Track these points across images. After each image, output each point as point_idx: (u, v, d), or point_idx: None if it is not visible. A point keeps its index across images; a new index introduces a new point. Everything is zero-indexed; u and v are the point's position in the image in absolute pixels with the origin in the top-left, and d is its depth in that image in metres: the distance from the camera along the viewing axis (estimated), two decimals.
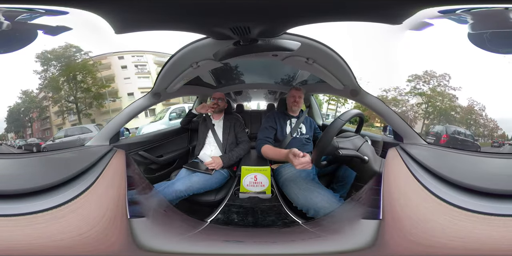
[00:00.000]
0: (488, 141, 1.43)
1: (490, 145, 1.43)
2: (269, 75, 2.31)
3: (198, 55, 1.12)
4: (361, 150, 1.18)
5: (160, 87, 1.42)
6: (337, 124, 1.09)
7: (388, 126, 1.61)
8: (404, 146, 1.15)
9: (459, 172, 0.82)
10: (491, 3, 0.85)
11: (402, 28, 0.88)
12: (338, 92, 1.74)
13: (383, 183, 0.92)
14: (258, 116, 3.45)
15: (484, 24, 1.00)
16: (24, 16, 0.97)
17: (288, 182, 1.37)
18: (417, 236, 0.70)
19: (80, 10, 0.73)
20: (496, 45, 1.05)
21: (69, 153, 1.12)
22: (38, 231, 0.66)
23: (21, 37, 1.06)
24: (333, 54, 1.11)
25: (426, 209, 0.73)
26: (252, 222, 1.16)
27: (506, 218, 0.67)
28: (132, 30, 0.90)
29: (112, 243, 0.75)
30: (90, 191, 0.78)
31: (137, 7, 0.68)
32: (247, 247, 0.91)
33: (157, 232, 0.90)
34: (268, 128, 1.69)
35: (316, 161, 1.16)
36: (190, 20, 0.78)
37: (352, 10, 0.75)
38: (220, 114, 1.93)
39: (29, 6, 0.85)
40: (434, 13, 0.85)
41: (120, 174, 1.03)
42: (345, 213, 1.09)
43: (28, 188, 0.71)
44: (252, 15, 0.72)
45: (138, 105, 1.45)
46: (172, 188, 1.40)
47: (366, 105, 1.41)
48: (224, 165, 1.67)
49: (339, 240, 0.87)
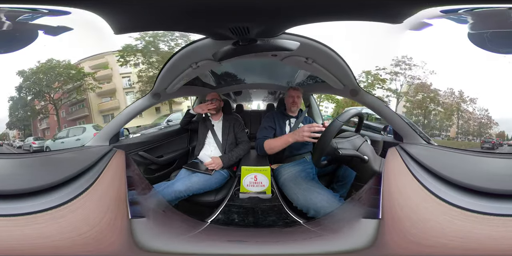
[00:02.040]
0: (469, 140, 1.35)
1: (480, 146, 1.34)
2: (268, 75, 2.31)
3: (198, 55, 1.13)
4: (360, 149, 1.18)
5: (160, 87, 1.42)
6: (335, 126, 1.08)
7: (388, 126, 1.61)
8: (404, 145, 1.15)
9: (459, 172, 0.81)
10: (492, 3, 0.84)
11: (403, 28, 0.88)
12: (338, 92, 1.74)
13: (383, 182, 0.92)
14: (258, 116, 3.44)
15: (484, 24, 1.00)
16: (25, 16, 0.97)
17: (288, 182, 1.37)
18: (416, 236, 0.70)
19: (79, 10, 0.73)
20: (497, 45, 1.04)
21: (69, 153, 1.12)
22: (38, 231, 0.66)
23: (22, 37, 1.06)
24: (332, 54, 1.11)
25: (425, 209, 0.73)
26: (252, 222, 1.16)
27: (506, 218, 0.67)
28: (132, 31, 0.90)
29: (112, 243, 0.75)
30: (90, 191, 0.79)
31: (137, 7, 0.69)
32: (248, 247, 0.91)
33: (157, 232, 0.90)
34: (267, 128, 1.69)
35: (316, 161, 1.16)
36: (189, 21, 0.78)
37: (351, 9, 0.75)
38: (220, 115, 1.93)
39: (27, 6, 0.85)
40: (435, 12, 0.85)
41: (120, 174, 1.03)
42: (346, 213, 1.09)
43: (28, 188, 0.71)
44: (251, 15, 0.72)
45: (138, 106, 1.45)
46: (172, 188, 1.40)
47: (366, 104, 1.40)
48: (224, 166, 1.67)
49: (340, 239, 0.87)
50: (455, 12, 0.91)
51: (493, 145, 1.29)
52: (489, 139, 1.33)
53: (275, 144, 1.49)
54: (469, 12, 0.91)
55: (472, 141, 1.41)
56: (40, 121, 1.58)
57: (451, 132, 1.49)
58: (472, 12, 0.91)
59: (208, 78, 2.16)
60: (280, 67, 2.02)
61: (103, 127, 1.40)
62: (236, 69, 2.10)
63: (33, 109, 1.55)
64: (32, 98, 1.50)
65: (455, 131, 1.47)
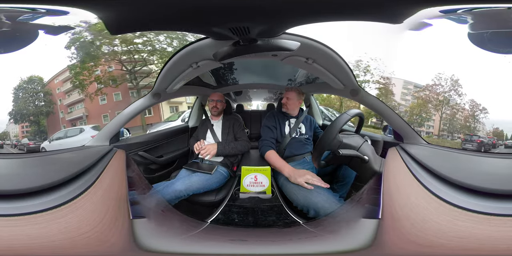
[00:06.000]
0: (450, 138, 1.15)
1: (461, 145, 1.13)
2: (269, 75, 2.31)
3: (198, 55, 1.13)
4: (361, 149, 1.18)
5: (160, 87, 1.42)
6: (343, 118, 1.10)
7: (388, 126, 1.61)
8: (404, 146, 1.15)
9: (459, 172, 0.81)
10: (492, 3, 0.84)
11: (403, 28, 0.88)
12: (338, 92, 1.73)
13: (383, 182, 0.93)
14: (258, 116, 3.44)
15: (484, 24, 1.00)
16: (25, 16, 0.97)
17: (288, 182, 1.37)
18: (416, 236, 0.70)
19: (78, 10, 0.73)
20: (497, 45, 1.04)
21: (69, 153, 1.12)
22: (38, 231, 0.66)
23: (22, 37, 1.06)
24: (332, 54, 1.11)
25: (425, 208, 0.73)
26: (252, 222, 1.15)
27: (506, 218, 0.67)
28: (130, 31, 0.90)
29: (113, 243, 0.75)
30: (90, 191, 0.79)
31: (136, 7, 0.68)
32: (248, 247, 0.91)
33: (157, 232, 0.90)
34: (271, 128, 1.69)
35: (319, 154, 1.16)
36: (189, 20, 0.78)
37: (352, 10, 0.75)
38: (220, 115, 1.93)
39: (26, 5, 0.85)
40: (435, 12, 0.85)
41: (121, 174, 1.03)
42: (345, 213, 1.09)
43: (28, 188, 0.71)
44: (251, 15, 0.72)
45: (138, 106, 1.45)
46: (172, 187, 1.40)
47: (366, 105, 1.40)
48: (218, 153, 1.68)
49: (339, 240, 0.87)
50: (455, 12, 0.91)
51: (478, 145, 1.02)
52: (473, 137, 1.05)
53: (273, 162, 1.49)
54: (468, 12, 0.91)
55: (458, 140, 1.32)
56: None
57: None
58: (471, 12, 0.91)
59: (209, 78, 2.16)
60: (280, 67, 2.01)
61: (103, 127, 1.40)
62: (236, 69, 2.10)
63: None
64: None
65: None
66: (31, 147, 1.54)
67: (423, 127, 1.51)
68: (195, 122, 2.53)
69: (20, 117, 1.52)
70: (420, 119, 1.48)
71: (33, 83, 1.49)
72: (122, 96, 1.75)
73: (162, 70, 1.28)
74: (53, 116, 1.62)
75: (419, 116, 1.49)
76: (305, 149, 1.72)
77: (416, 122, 1.50)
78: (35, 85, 1.50)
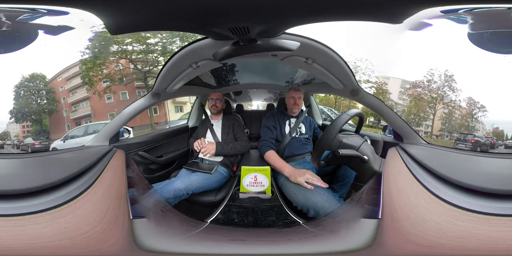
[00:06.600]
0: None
1: (453, 145, 1.09)
2: (268, 75, 2.31)
3: (198, 55, 1.13)
4: (360, 149, 1.18)
5: (160, 87, 1.42)
6: (343, 118, 1.10)
7: (388, 126, 1.61)
8: (404, 146, 1.15)
9: (459, 172, 0.81)
10: (492, 3, 0.84)
11: (403, 28, 0.88)
12: (337, 92, 1.73)
13: (383, 182, 0.93)
14: (258, 116, 3.44)
15: (484, 24, 0.99)
16: (25, 16, 0.97)
17: (288, 182, 1.37)
18: (416, 236, 0.70)
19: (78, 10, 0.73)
20: (497, 45, 1.04)
21: (69, 153, 1.12)
22: (38, 231, 0.66)
23: (22, 37, 1.06)
24: (332, 54, 1.11)
25: (425, 209, 0.73)
26: (252, 222, 1.16)
27: (506, 218, 0.67)
28: (130, 31, 0.90)
29: (113, 243, 0.75)
30: (90, 191, 0.79)
31: (136, 7, 0.68)
32: (248, 247, 0.91)
33: (157, 232, 0.90)
34: (271, 128, 1.70)
35: (319, 154, 1.16)
36: (189, 20, 0.78)
37: (352, 10, 0.75)
38: (219, 115, 1.93)
39: (26, 5, 0.85)
40: (435, 12, 0.85)
41: (120, 174, 1.03)
42: (345, 213, 1.09)
43: (28, 188, 0.71)
44: (251, 15, 0.72)
45: (138, 106, 1.45)
46: (171, 186, 1.40)
47: (366, 105, 1.40)
48: (216, 153, 1.68)
49: (339, 239, 0.87)
50: (455, 12, 0.91)
51: (472, 145, 0.92)
52: (468, 136, 0.96)
53: (273, 162, 1.49)
54: (469, 12, 0.91)
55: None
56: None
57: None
58: (472, 12, 0.91)
59: (209, 78, 2.16)
60: (280, 67, 2.01)
61: (103, 128, 1.40)
62: (236, 69, 2.10)
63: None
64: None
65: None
66: (36, 147, 1.51)
67: (421, 126, 1.50)
68: (195, 122, 2.53)
69: (22, 116, 1.51)
70: (417, 118, 1.47)
71: (35, 80, 1.48)
72: (128, 95, 1.74)
73: (162, 70, 1.28)
74: (56, 114, 1.61)
75: (416, 115, 1.49)
76: (305, 149, 1.72)
77: (414, 121, 1.50)
78: (37, 82, 1.48)
